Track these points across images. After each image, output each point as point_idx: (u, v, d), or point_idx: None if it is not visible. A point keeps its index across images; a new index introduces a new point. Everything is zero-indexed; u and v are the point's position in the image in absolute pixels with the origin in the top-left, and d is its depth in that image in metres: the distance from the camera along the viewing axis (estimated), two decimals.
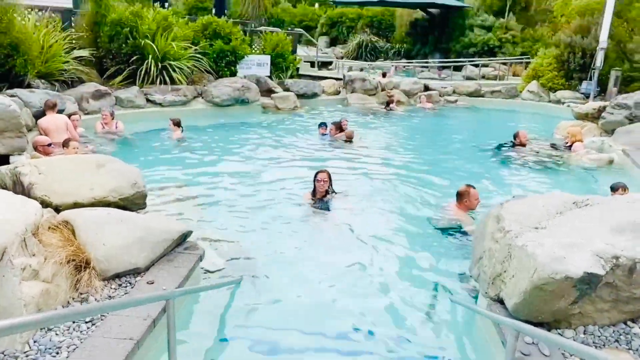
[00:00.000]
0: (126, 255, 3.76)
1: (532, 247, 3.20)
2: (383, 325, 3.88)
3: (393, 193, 7.08)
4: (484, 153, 9.78)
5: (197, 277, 4.14)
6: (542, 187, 7.51)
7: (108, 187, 4.50)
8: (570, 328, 3.27)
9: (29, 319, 1.75)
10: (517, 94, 16.77)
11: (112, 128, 9.67)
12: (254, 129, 11.47)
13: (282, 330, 3.76)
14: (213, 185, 7.17)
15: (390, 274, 4.71)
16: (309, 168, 7.76)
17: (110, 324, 3.13)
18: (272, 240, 5.36)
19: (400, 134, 12.00)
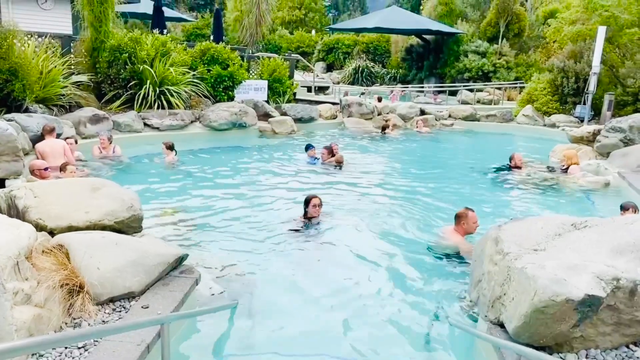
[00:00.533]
0: (120, 279, 3.70)
1: (531, 270, 3.16)
2: (381, 350, 3.81)
3: (388, 217, 7.05)
4: (480, 176, 9.80)
5: (193, 302, 4.07)
6: (538, 210, 7.51)
7: (103, 210, 4.45)
8: (572, 352, 3.21)
9: (20, 343, 1.70)
10: (512, 118, 16.91)
11: (110, 152, 9.66)
12: (251, 153, 11.50)
13: (279, 356, 3.69)
14: (209, 209, 7.14)
15: (388, 298, 4.65)
16: (305, 191, 7.73)
17: (104, 349, 3.05)
18: (267, 264, 5.31)
19: (396, 157, 12.03)
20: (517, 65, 24.10)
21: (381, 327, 4.15)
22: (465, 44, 25.21)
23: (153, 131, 11.97)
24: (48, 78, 10.76)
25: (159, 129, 12.13)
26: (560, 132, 13.84)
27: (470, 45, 24.94)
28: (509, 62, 24.10)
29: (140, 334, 3.19)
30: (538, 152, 12.34)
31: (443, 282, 4.94)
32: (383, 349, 3.83)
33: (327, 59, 33.96)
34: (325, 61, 34.02)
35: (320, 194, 7.47)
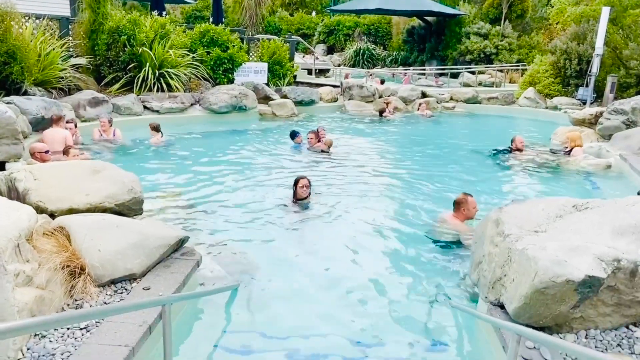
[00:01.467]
0: (122, 261, 3.71)
1: (532, 251, 3.16)
2: (381, 331, 3.82)
3: (386, 199, 7.04)
4: (481, 159, 9.77)
5: (194, 283, 4.09)
6: (539, 192, 7.50)
7: (104, 193, 4.45)
8: (571, 332, 3.23)
9: (23, 323, 1.70)
10: (514, 101, 16.81)
11: (110, 135, 9.63)
12: (251, 136, 11.45)
13: (280, 337, 3.71)
14: (210, 192, 7.13)
15: (387, 280, 4.67)
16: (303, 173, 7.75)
17: (105, 330, 3.07)
18: (266, 246, 5.33)
19: (395, 140, 11.98)
20: (519, 47, 23.87)
21: (380, 308, 4.17)
22: (467, 25, 24.94)
23: (153, 114, 11.92)
24: (47, 60, 10.68)
25: (159, 112, 12.08)
26: (562, 115, 13.77)
27: (472, 27, 24.67)
28: (512, 44, 23.86)
29: (142, 315, 3.21)
30: (539, 135, 12.29)
31: (442, 264, 4.95)
32: (383, 330, 3.85)
33: (327, 41, 33.66)
34: (325, 43, 33.72)
35: (317, 177, 7.49)
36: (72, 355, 2.83)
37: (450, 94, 17.30)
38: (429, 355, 3.58)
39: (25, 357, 2.82)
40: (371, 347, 3.63)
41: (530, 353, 2.98)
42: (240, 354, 3.52)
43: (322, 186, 7.47)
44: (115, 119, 10.51)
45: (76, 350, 2.89)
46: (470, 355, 3.58)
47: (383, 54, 29.61)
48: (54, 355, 2.84)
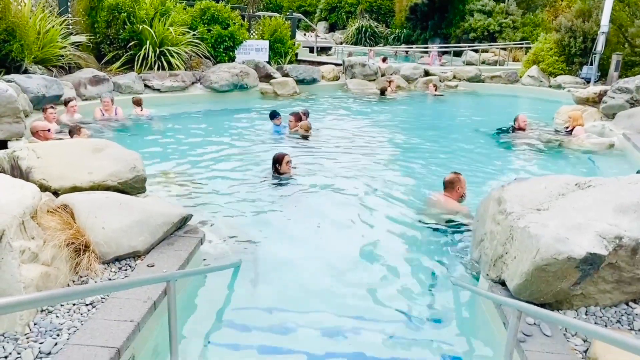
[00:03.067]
0: (126, 238, 3.73)
1: (534, 229, 3.17)
2: (382, 308, 3.86)
3: (385, 178, 7.02)
4: (483, 138, 9.74)
5: (198, 261, 4.12)
6: (542, 171, 7.49)
7: (107, 171, 4.46)
8: (571, 309, 3.26)
9: (30, 297, 1.73)
10: (517, 79, 16.69)
11: (112, 114, 9.62)
12: (253, 114, 11.41)
13: (283, 312, 3.75)
14: (211, 170, 7.15)
15: (387, 257, 4.68)
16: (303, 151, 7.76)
17: (111, 306, 3.11)
18: (267, 222, 5.37)
19: (397, 119, 11.93)
20: (523, 24, 23.61)
21: (381, 286, 4.20)
22: (471, 2, 24.63)
23: (154, 93, 11.88)
24: (46, 38, 10.60)
25: (160, 91, 12.03)
26: (565, 94, 13.67)
27: (477, 4, 24.36)
28: (516, 22, 23.60)
29: (147, 292, 3.25)
30: (543, 114, 12.23)
31: (441, 243, 4.95)
32: (383, 306, 3.88)
33: (329, 18, 33.31)
34: (327, 21, 33.38)
35: (312, 154, 7.59)
36: (79, 330, 2.88)
37: (453, 73, 17.17)
38: (428, 331, 3.62)
39: (32, 331, 2.86)
40: (371, 323, 3.67)
41: (531, 329, 3.02)
42: (244, 329, 3.57)
43: (317, 164, 7.49)
44: (116, 98, 10.49)
45: (82, 325, 2.93)
46: (471, 332, 3.62)
47: (385, 31, 29.29)
48: (60, 330, 2.89)
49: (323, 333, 3.55)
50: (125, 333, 2.86)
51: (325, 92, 14.98)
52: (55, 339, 2.79)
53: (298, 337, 3.49)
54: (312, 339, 3.48)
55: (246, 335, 3.50)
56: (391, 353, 3.36)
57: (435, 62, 20.71)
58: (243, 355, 3.29)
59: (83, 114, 9.41)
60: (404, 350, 3.39)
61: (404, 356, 3.32)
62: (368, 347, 3.40)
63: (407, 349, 3.40)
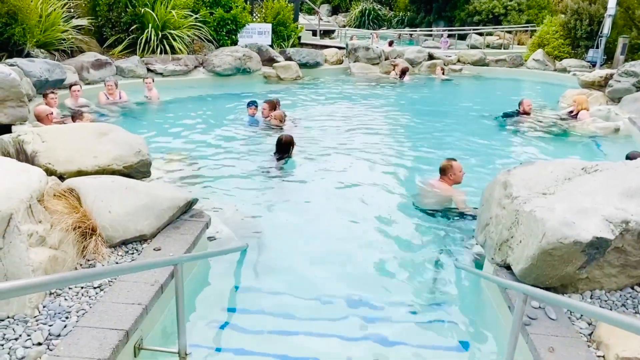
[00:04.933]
0: (132, 222, 3.75)
1: (540, 213, 3.17)
2: (386, 294, 3.88)
3: (386, 163, 7.02)
4: (488, 122, 9.70)
5: (204, 245, 4.14)
6: (547, 155, 7.47)
7: (112, 155, 4.46)
8: (577, 292, 3.27)
9: (40, 280, 1.74)
10: (522, 63, 16.54)
11: (116, 98, 9.61)
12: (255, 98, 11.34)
13: (290, 296, 3.78)
14: (214, 154, 7.16)
15: (389, 243, 4.70)
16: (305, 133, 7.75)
17: (119, 289, 3.14)
18: (271, 207, 5.40)
19: (400, 103, 11.89)
20: (529, 7, 23.33)
21: (384, 268, 4.23)
22: None
23: (157, 77, 11.80)
24: (48, 22, 10.53)
25: (162, 75, 11.98)
26: (571, 77, 13.56)
27: None
28: (521, 4, 23.32)
29: (154, 275, 3.27)
30: (548, 98, 12.15)
31: (443, 228, 4.95)
32: (387, 291, 3.90)
33: (332, 1, 32.96)
34: (330, 3, 33.05)
35: (317, 140, 7.69)
36: (87, 312, 2.90)
37: (457, 56, 17.03)
38: (433, 316, 3.64)
39: (41, 314, 2.89)
40: (374, 309, 3.69)
41: (536, 312, 3.04)
42: (251, 312, 3.60)
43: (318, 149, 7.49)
44: (120, 82, 10.44)
45: (91, 308, 2.95)
46: (476, 316, 3.64)
47: (389, 14, 29.00)
48: (69, 312, 2.91)
49: (328, 317, 3.58)
50: (133, 316, 2.89)
51: (328, 75, 14.90)
52: (64, 322, 2.82)
53: (305, 321, 3.51)
54: (317, 323, 3.51)
55: (253, 318, 3.53)
56: (396, 337, 3.39)
57: (445, 47, 20.54)
58: (249, 339, 3.31)
59: (86, 98, 9.38)
60: (408, 335, 3.41)
61: (408, 341, 3.34)
62: (372, 332, 3.42)
63: (412, 334, 3.43)
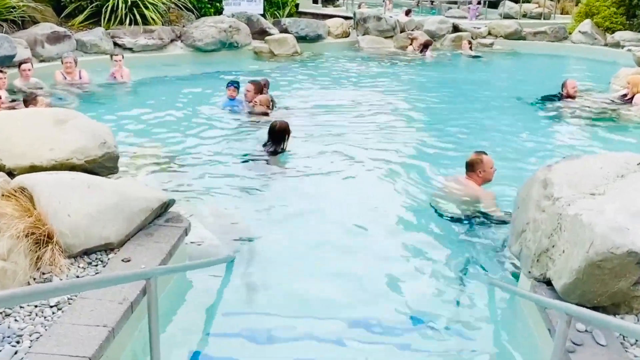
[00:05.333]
0: (96, 227, 3.75)
1: (587, 217, 3.17)
2: (399, 314, 3.88)
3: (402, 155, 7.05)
4: (524, 107, 9.71)
5: (182, 254, 4.15)
6: (595, 147, 7.47)
7: (72, 147, 4.47)
8: (631, 313, 3.28)
9: None
10: (566, 36, 16.54)
11: (76, 78, 9.63)
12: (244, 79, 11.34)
13: (285, 317, 3.78)
14: (195, 146, 7.18)
15: (403, 253, 4.71)
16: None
17: (80, 308, 3.14)
18: (264, 208, 5.43)
19: (420, 84, 11.89)
20: None
21: (399, 282, 4.23)
22: None
23: (125, 52, 11.81)
24: None
25: (132, 50, 12.00)
26: (625, 53, 13.57)
27: None
28: None
29: (122, 291, 3.27)
30: (597, 78, 12.14)
31: (469, 235, 4.95)
32: (404, 310, 3.91)
33: None
34: None
35: (318, 128, 7.75)
36: (43, 336, 2.91)
37: (488, 28, 17.02)
38: (457, 341, 3.64)
39: None
40: (384, 331, 3.70)
41: (582, 337, 3.04)
42: (237, 336, 3.61)
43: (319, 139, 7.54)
44: (80, 59, 10.46)
45: (46, 330, 2.96)
46: (510, 341, 3.65)
47: None
48: (20, 336, 2.91)
49: (327, 341, 3.58)
50: (97, 340, 2.89)
51: (332, 51, 14.91)
52: (14, 347, 2.82)
53: (300, 347, 3.52)
54: (315, 349, 3.52)
55: (240, 344, 3.54)
56: None
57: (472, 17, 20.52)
58: None
59: (40, 77, 9.39)
60: None
61: None
62: None
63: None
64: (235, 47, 13.11)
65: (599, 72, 12.75)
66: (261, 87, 8.85)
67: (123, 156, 5.70)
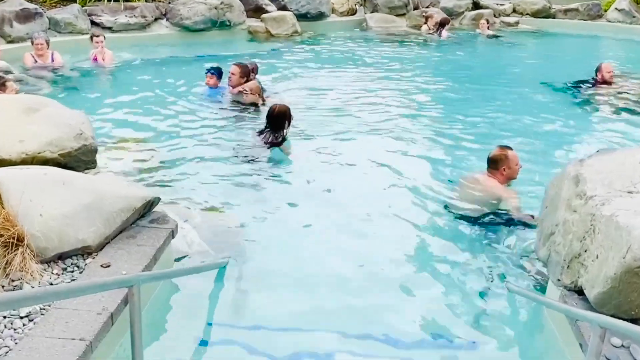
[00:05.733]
0: (71, 229, 3.76)
1: (624, 218, 3.17)
2: (409, 326, 3.90)
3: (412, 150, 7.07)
4: (553, 94, 9.68)
5: (169, 259, 4.16)
6: (633, 139, 7.45)
7: (44, 139, 4.49)
8: None
9: None
10: (600, 14, 16.50)
11: (48, 61, 9.63)
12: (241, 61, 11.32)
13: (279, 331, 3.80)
14: (181, 139, 7.19)
15: (414, 257, 4.73)
16: None
17: (54, 319, 3.15)
18: (260, 208, 5.43)
19: (435, 68, 11.88)
20: None
21: (410, 292, 4.24)
22: None
23: (104, 32, 11.82)
24: None
25: (112, 29, 12.01)
26: None
27: None
28: None
29: (101, 300, 3.28)
30: (635, 61, 12.10)
31: (490, 238, 4.95)
32: (417, 322, 3.92)
33: None
34: None
35: (319, 118, 7.80)
36: (12, 350, 2.92)
37: (512, 5, 16.99)
38: (477, 357, 3.66)
39: None
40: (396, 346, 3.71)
41: (617, 353, 3.04)
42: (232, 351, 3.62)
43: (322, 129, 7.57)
44: (54, 39, 10.47)
45: (17, 344, 2.97)
46: (536, 355, 3.67)
47: None
48: None
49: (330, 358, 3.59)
50: (73, 355, 2.90)
51: (336, 31, 14.89)
52: None
53: None
54: None
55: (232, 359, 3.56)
56: None
57: None
58: None
59: (8, 60, 9.40)
60: None
61: None
62: None
63: None
64: (227, 27, 13.11)
65: (638, 55, 12.71)
66: (248, 70, 8.61)
67: (102, 149, 5.72)
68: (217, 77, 8.74)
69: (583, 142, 7.49)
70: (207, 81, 8.75)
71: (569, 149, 7.09)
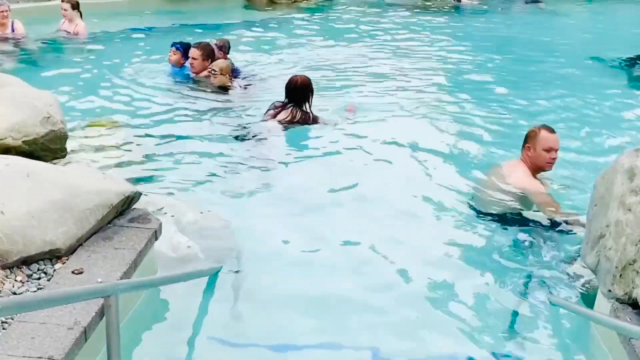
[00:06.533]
0: (37, 229, 3.77)
1: None
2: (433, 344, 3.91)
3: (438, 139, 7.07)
4: (604, 71, 9.66)
5: (151, 265, 4.17)
6: None
7: (5, 124, 4.49)
8: None
9: None
10: None
11: (7, 31, 9.64)
12: (234, 33, 11.33)
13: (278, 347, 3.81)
14: (164, 122, 7.25)
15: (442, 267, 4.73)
16: None
17: (18, 335, 3.15)
18: (257, 203, 5.48)
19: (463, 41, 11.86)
20: None
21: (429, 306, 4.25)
22: None
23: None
24: None
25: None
26: None
27: None
28: None
29: (73, 312, 3.28)
30: None
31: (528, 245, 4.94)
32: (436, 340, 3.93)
33: None
34: None
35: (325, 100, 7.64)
36: None
37: None
38: None
39: None
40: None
41: None
42: None
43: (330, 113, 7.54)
44: (15, 7, 10.47)
45: None
46: None
47: None
48: None
49: None
50: None
51: None
52: None
53: None
54: None
55: None
56: None
57: None
58: None
59: None
60: None
61: None
62: None
63: None
64: None
65: None
66: (212, 49, 8.55)
67: (73, 135, 5.72)
68: (183, 54, 8.60)
69: (637, 128, 7.46)
70: (170, 57, 8.69)
71: (621, 136, 7.06)
